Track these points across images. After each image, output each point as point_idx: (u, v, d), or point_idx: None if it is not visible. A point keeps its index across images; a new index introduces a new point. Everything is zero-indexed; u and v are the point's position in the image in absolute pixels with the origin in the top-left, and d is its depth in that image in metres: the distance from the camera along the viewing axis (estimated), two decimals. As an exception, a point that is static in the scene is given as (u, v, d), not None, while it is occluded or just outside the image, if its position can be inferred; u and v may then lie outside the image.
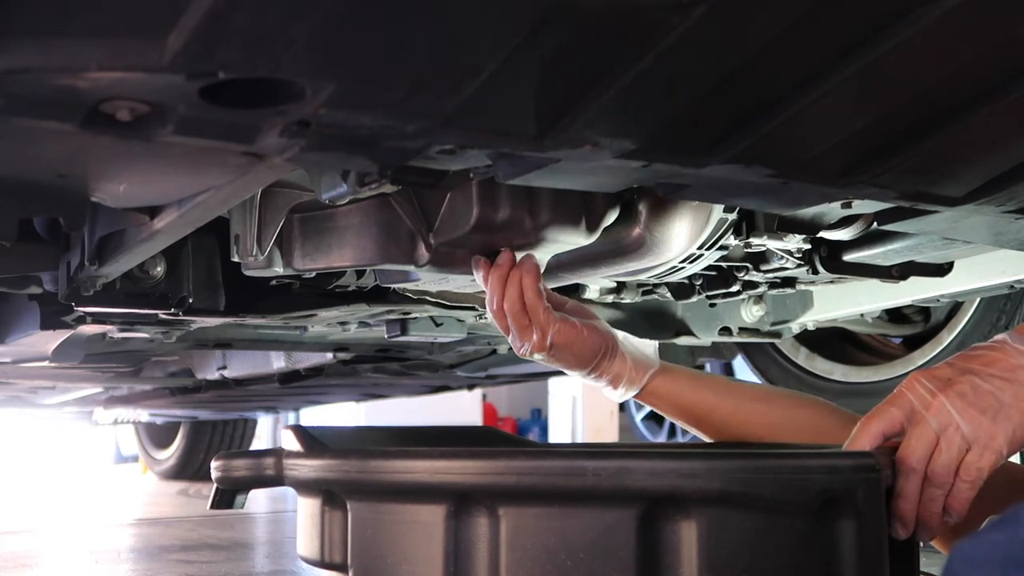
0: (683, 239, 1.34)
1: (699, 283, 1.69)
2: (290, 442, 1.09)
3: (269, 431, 8.03)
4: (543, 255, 1.33)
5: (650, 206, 1.33)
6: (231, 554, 2.63)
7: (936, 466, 0.97)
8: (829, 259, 1.52)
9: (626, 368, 1.33)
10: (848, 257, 1.53)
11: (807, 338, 2.67)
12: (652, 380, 1.35)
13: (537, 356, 1.31)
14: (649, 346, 1.37)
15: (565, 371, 1.36)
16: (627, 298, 1.81)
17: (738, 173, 0.93)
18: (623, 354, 1.33)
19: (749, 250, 1.53)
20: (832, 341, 2.74)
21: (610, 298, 1.80)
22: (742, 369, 2.98)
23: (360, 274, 1.60)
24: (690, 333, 2.21)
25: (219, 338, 2.29)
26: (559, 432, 7.92)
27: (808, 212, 1.34)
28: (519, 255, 1.29)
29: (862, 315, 2.23)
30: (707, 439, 1.39)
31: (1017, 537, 0.78)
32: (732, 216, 1.35)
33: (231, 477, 1.10)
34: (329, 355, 2.59)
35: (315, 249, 1.34)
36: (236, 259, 1.35)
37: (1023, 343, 1.00)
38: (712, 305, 2.16)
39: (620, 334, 1.35)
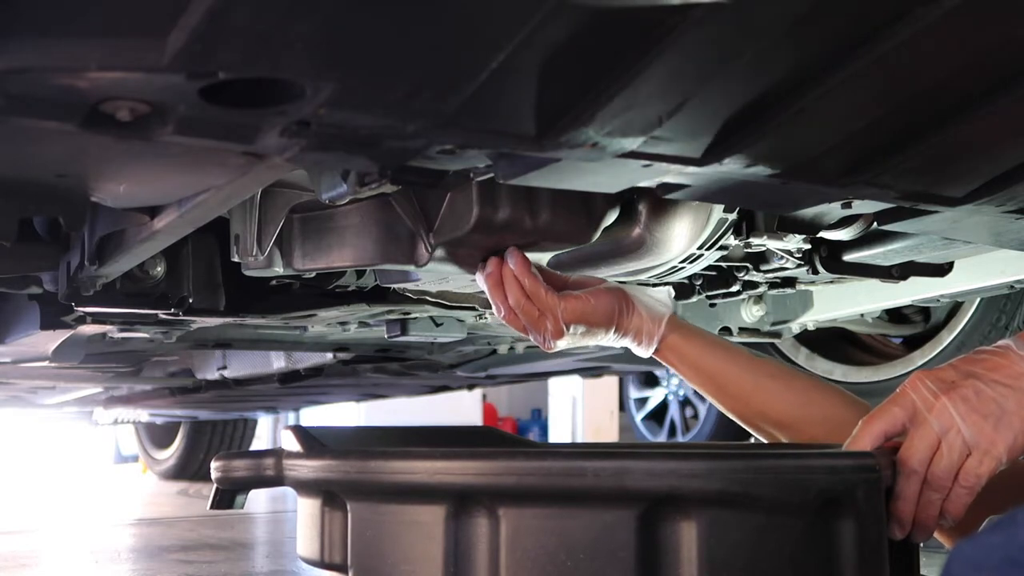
0: (683, 239, 1.34)
1: (699, 283, 1.69)
2: (290, 442, 1.09)
3: (269, 431, 8.03)
4: (543, 255, 1.33)
5: (650, 206, 1.33)
6: (231, 554, 2.63)
7: (936, 469, 0.97)
8: (829, 259, 1.52)
9: (643, 321, 1.33)
10: (848, 257, 1.53)
11: (807, 338, 2.67)
12: (669, 334, 1.35)
13: (561, 343, 1.31)
14: (662, 291, 1.36)
15: (598, 343, 1.36)
16: (627, 298, 1.80)
17: (738, 173, 0.93)
18: (638, 309, 1.33)
19: (749, 250, 1.53)
20: (832, 341, 2.74)
21: (610, 298, 1.79)
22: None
23: (360, 274, 1.60)
24: (690, 333, 2.20)
25: (219, 338, 2.29)
26: (559, 432, 7.91)
27: (808, 212, 1.34)
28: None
29: (862, 315, 2.23)
30: (723, 408, 1.38)
31: (1015, 540, 0.78)
32: (732, 216, 1.35)
33: (231, 477, 1.10)
34: (329, 355, 2.59)
35: (315, 249, 1.34)
36: (236, 259, 1.35)
37: None
38: (712, 305, 2.16)
39: (634, 288, 1.34)
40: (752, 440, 1.49)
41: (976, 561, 0.80)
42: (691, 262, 1.41)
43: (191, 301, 1.63)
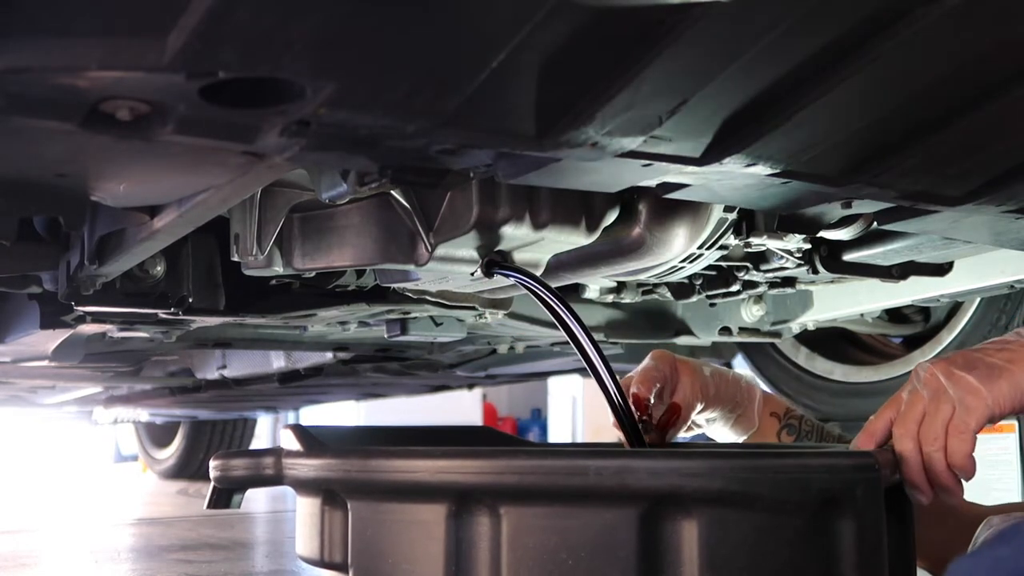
0: (683, 239, 1.34)
1: (699, 283, 1.69)
2: (289, 441, 1.09)
3: (269, 431, 8.03)
4: (543, 255, 1.33)
5: (650, 206, 1.33)
6: (231, 554, 2.62)
7: (925, 428, 1.00)
8: (829, 259, 1.52)
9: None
10: (848, 257, 1.53)
11: (807, 338, 2.67)
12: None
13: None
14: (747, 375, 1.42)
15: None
16: (627, 298, 1.81)
17: (738, 173, 0.93)
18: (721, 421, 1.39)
19: (749, 250, 1.53)
20: (832, 341, 2.74)
21: (610, 298, 1.80)
22: (741, 368, 2.98)
23: (360, 274, 1.60)
24: (690, 333, 2.21)
25: (219, 338, 2.29)
26: (559, 432, 7.91)
27: (808, 212, 1.34)
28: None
29: (862, 315, 2.23)
30: None
31: (1023, 552, 0.77)
32: (732, 216, 1.35)
33: (230, 476, 1.09)
34: (329, 355, 2.59)
35: (315, 249, 1.34)
36: (236, 259, 1.35)
37: None
38: (712, 305, 2.17)
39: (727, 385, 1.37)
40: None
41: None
42: (691, 262, 1.41)
43: (191, 300, 1.63)
